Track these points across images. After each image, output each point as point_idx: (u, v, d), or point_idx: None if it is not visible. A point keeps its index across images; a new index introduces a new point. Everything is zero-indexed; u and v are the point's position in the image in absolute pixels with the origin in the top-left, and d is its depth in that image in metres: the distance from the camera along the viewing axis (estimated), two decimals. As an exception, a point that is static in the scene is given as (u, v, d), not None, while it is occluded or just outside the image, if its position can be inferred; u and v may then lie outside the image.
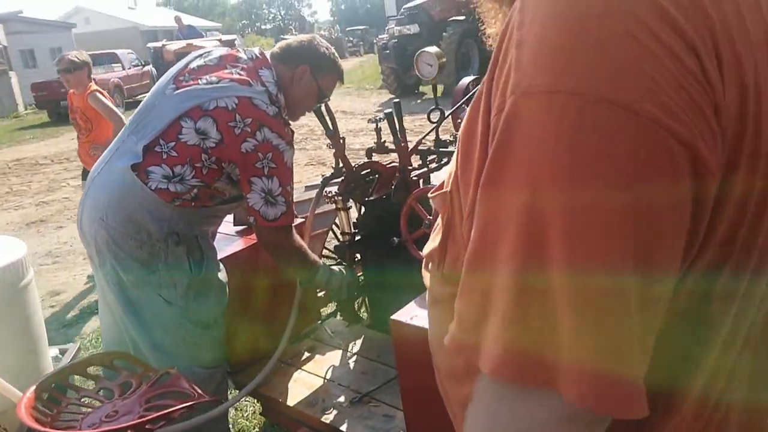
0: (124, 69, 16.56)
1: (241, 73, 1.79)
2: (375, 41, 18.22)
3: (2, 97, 18.42)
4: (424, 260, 0.77)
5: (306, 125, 9.77)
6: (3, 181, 8.36)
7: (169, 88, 1.79)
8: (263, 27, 66.38)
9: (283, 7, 71.03)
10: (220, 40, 15.40)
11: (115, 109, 3.99)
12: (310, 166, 7.17)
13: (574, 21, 0.44)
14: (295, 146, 1.94)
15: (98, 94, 3.97)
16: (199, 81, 1.76)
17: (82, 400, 1.46)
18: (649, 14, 0.43)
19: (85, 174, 4.17)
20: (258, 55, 1.88)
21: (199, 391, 1.44)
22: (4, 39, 17.55)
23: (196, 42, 13.47)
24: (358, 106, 11.77)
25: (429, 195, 0.73)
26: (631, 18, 0.43)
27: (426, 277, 0.79)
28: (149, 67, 16.73)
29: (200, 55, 1.89)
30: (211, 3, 66.82)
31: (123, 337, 1.86)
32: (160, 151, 1.71)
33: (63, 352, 1.99)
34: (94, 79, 4.17)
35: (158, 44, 15.54)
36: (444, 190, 0.68)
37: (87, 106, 3.99)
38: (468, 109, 0.60)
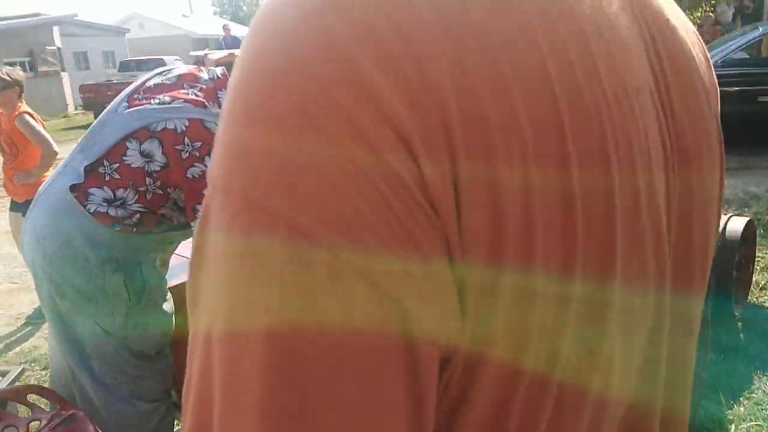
0: (169, 74, 16.94)
1: (198, 94, 1.69)
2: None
3: (54, 97, 19.05)
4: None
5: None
6: (36, 180, 8.51)
7: (122, 106, 1.70)
8: (313, 39, 67.46)
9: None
10: (262, 51, 15.57)
11: (45, 134, 3.54)
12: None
13: (259, 107, 0.30)
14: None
15: (27, 116, 3.50)
16: (152, 100, 1.67)
17: (-15, 438, 1.36)
18: (357, 104, 0.28)
19: (12, 206, 3.74)
20: (220, 75, 1.79)
21: (105, 438, 1.33)
22: (58, 40, 18.17)
23: (237, 52, 13.64)
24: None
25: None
26: (333, 109, 0.28)
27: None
28: (193, 74, 17.09)
29: (160, 73, 1.80)
30: (264, 13, 68.18)
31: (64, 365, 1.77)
32: (104, 173, 1.62)
33: (3, 374, 1.90)
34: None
35: (200, 53, 15.80)
36: None
37: (13, 128, 3.51)
38: None
